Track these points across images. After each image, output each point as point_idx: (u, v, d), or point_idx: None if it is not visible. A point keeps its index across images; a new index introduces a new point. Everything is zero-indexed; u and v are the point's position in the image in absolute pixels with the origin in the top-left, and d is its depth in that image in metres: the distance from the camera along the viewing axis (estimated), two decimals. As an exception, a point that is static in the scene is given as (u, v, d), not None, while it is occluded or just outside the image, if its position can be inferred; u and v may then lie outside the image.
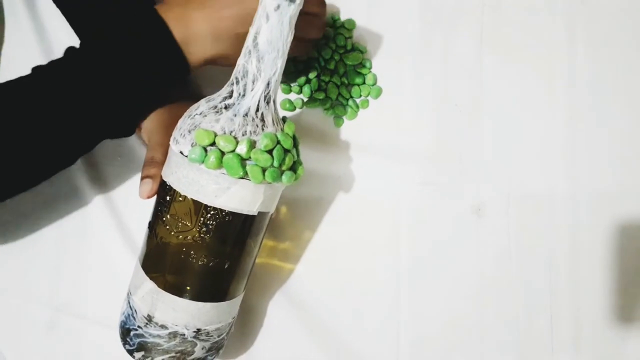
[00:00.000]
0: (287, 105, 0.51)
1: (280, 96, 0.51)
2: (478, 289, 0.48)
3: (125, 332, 0.40)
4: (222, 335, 0.42)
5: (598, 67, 0.49)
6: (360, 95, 0.51)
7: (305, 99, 0.51)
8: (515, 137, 0.49)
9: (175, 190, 0.36)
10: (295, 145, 0.39)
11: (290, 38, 0.35)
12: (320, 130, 0.50)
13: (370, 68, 0.51)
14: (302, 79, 0.50)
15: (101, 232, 0.49)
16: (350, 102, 0.51)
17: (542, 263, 0.48)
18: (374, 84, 0.51)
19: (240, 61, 0.36)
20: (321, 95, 0.50)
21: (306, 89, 0.50)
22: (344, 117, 0.51)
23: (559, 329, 0.47)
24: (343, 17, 0.52)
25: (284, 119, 0.39)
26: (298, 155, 0.39)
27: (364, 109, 0.51)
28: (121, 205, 0.50)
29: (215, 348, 0.42)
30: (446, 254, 0.48)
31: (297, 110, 0.51)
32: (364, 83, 0.51)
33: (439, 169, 0.49)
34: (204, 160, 0.34)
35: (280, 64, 0.36)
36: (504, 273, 0.48)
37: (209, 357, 0.42)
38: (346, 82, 0.51)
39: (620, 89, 0.49)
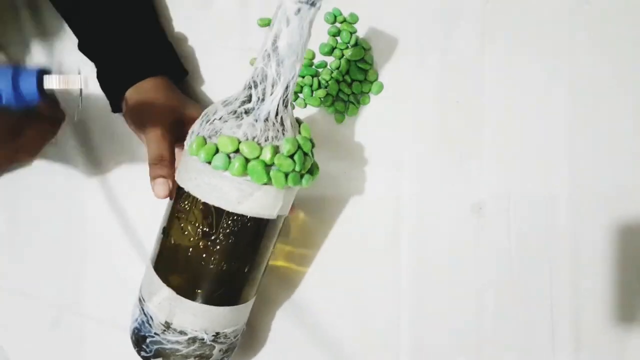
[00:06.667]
0: (287, 105, 0.50)
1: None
2: (478, 288, 0.47)
3: (141, 339, 0.40)
4: (237, 336, 0.42)
5: (600, 67, 0.49)
6: (362, 91, 0.51)
7: (306, 99, 0.50)
8: (516, 136, 0.49)
9: (194, 197, 0.36)
10: (312, 147, 0.39)
11: (308, 42, 0.35)
12: (320, 129, 0.50)
13: (371, 64, 0.51)
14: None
15: (105, 232, 0.49)
16: (351, 98, 0.51)
17: (542, 263, 0.47)
18: (376, 79, 0.51)
19: (258, 65, 0.35)
20: (322, 94, 0.50)
21: (306, 89, 0.50)
22: (345, 114, 0.51)
23: (559, 329, 0.47)
24: (345, 13, 0.51)
25: (299, 121, 0.39)
26: (313, 156, 0.39)
27: (365, 105, 0.51)
28: (125, 204, 0.49)
29: (231, 349, 0.42)
30: (447, 254, 0.48)
31: (296, 109, 0.50)
32: (365, 79, 0.51)
33: (439, 168, 0.49)
34: (227, 167, 0.34)
35: (298, 67, 0.35)
36: (504, 273, 0.47)
37: (225, 359, 0.42)
38: (349, 79, 0.51)
39: (623, 89, 0.49)
